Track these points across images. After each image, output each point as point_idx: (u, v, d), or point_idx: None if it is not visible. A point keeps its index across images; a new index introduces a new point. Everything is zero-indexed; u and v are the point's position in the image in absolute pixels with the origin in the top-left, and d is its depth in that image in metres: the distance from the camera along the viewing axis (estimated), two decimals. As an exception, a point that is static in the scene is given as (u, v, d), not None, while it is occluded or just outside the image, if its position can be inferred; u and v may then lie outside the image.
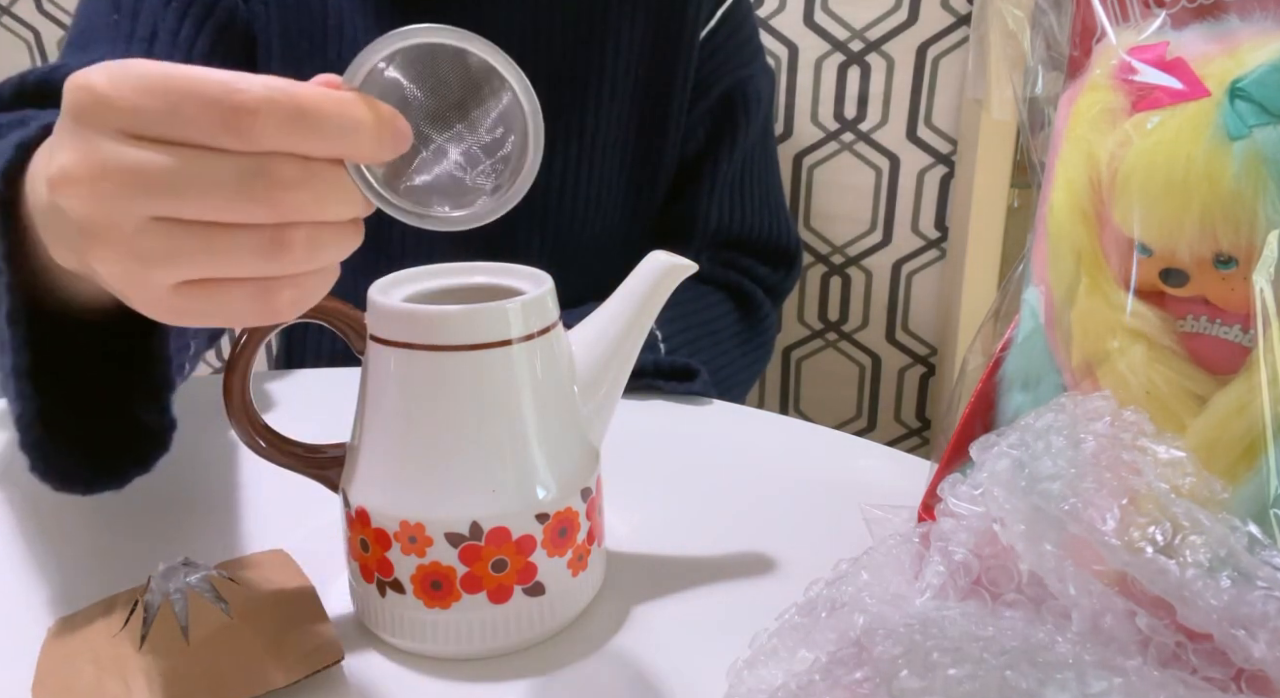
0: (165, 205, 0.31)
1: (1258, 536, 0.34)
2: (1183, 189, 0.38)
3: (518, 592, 0.44)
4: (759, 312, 0.86)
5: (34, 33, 1.25)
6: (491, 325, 0.43)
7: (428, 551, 0.43)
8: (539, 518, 0.44)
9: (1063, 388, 0.43)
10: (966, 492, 0.39)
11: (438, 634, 0.44)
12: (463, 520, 0.43)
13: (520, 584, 0.44)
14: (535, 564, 0.44)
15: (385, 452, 0.44)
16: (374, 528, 0.44)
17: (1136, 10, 0.43)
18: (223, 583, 0.45)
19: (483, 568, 0.43)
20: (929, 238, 1.13)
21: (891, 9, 1.05)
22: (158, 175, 0.31)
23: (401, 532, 0.43)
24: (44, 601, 0.49)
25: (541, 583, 0.45)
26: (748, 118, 0.85)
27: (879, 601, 0.38)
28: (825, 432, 0.67)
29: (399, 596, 0.44)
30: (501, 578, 0.44)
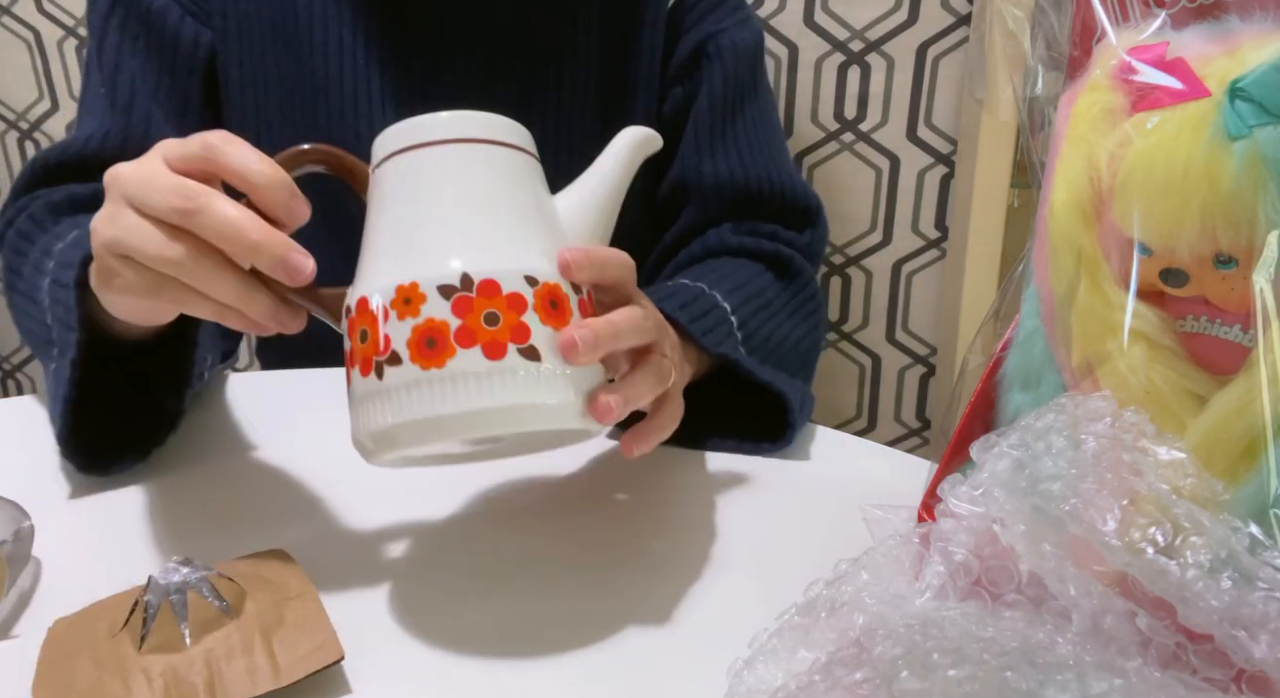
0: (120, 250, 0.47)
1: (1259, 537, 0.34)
2: (1182, 189, 0.38)
3: (512, 350, 0.44)
4: (800, 277, 0.82)
5: (34, 33, 1.25)
6: (481, 126, 0.47)
7: (421, 308, 0.44)
8: (528, 280, 0.45)
9: (1063, 388, 0.43)
10: (967, 492, 0.39)
11: (434, 397, 0.43)
12: (453, 273, 0.44)
13: (514, 342, 0.44)
14: (528, 325, 0.44)
15: (381, 244, 0.47)
16: (370, 311, 0.45)
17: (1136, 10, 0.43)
18: (223, 583, 0.45)
19: (475, 321, 0.44)
20: (929, 238, 1.13)
21: (891, 9, 1.05)
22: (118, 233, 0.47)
23: (397, 297, 0.44)
24: (44, 600, 0.49)
25: (536, 348, 0.44)
26: (722, 67, 0.83)
27: (879, 601, 0.38)
28: (825, 432, 0.67)
29: (396, 368, 0.44)
30: (495, 333, 0.44)
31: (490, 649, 0.46)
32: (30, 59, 1.27)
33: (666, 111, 0.85)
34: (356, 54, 0.79)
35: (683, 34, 0.85)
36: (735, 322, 0.70)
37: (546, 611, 0.48)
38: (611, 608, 0.49)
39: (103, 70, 0.78)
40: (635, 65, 0.84)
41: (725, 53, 0.84)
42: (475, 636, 0.47)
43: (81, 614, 0.46)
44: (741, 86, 0.85)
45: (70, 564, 0.52)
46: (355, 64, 0.80)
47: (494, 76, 0.81)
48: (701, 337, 0.63)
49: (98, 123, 0.77)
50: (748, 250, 0.81)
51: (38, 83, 1.28)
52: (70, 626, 0.45)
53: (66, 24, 1.24)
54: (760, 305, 0.75)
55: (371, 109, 0.80)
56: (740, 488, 0.60)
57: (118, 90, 0.77)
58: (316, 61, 0.79)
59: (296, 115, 0.80)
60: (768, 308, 0.76)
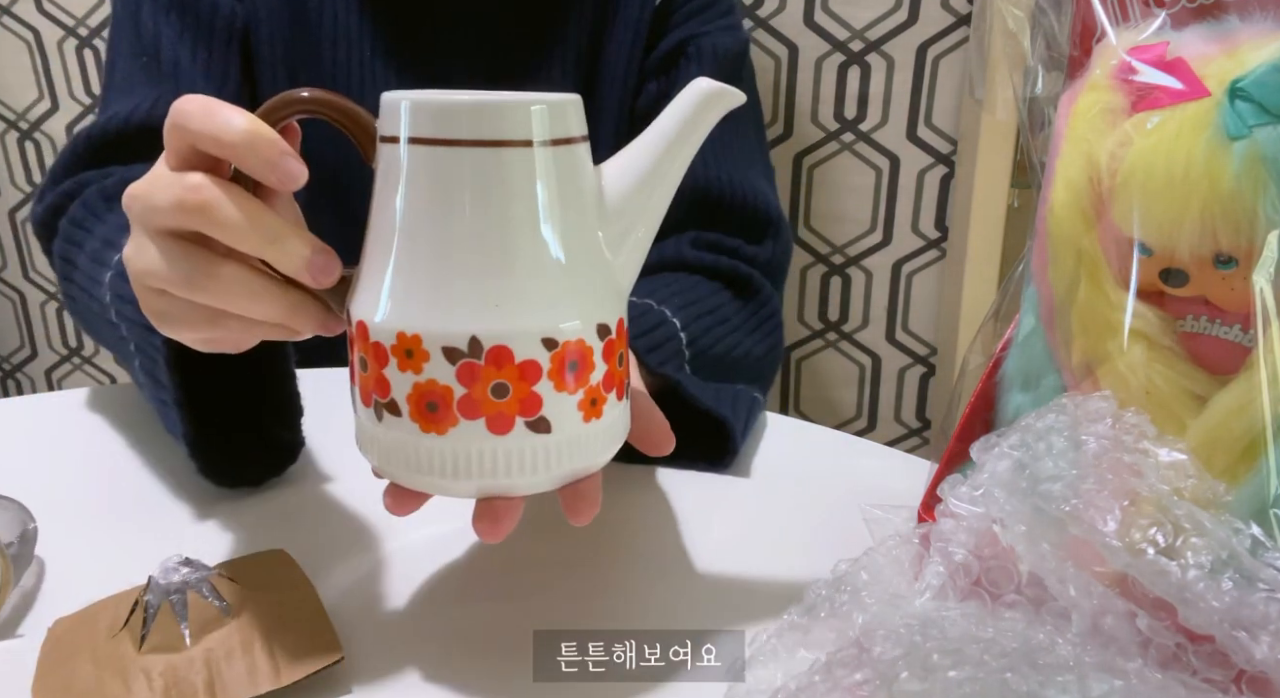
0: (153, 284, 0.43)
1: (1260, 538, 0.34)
2: (1182, 189, 0.38)
3: (520, 424, 0.40)
4: (760, 294, 0.82)
5: (34, 33, 1.25)
6: (509, 121, 0.39)
7: (424, 367, 0.39)
8: (545, 343, 0.40)
9: (1063, 388, 0.43)
10: (967, 492, 0.39)
11: (433, 463, 0.41)
12: (461, 335, 0.39)
13: (523, 416, 0.40)
14: (540, 396, 0.40)
15: (385, 260, 0.41)
16: (371, 342, 0.41)
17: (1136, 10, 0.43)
18: (223, 583, 0.45)
19: (482, 391, 0.39)
20: (929, 238, 1.13)
21: (891, 9, 1.05)
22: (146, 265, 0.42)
23: (398, 345, 0.40)
24: (46, 600, 0.49)
25: (547, 419, 0.40)
26: (698, 70, 0.83)
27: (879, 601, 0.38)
28: (825, 432, 0.67)
29: (395, 418, 0.41)
30: (502, 405, 0.40)
31: (490, 649, 0.46)
32: (30, 59, 1.27)
33: (640, 105, 0.85)
34: (363, 42, 0.81)
35: (668, 31, 0.85)
36: (684, 338, 0.69)
37: (546, 610, 0.48)
38: (611, 608, 0.49)
39: (142, 40, 0.76)
40: (616, 55, 0.84)
41: (705, 55, 0.84)
42: (475, 636, 0.47)
43: (81, 614, 0.46)
44: None
45: (72, 564, 0.52)
46: (362, 52, 0.81)
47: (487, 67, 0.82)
48: (645, 354, 0.62)
49: (142, 94, 0.75)
50: (706, 267, 0.80)
51: (38, 83, 1.28)
52: (70, 625, 0.45)
53: (66, 24, 1.24)
54: (714, 322, 0.75)
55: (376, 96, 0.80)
56: (740, 488, 0.60)
57: (161, 59, 0.75)
58: (325, 47, 0.81)
59: None
60: (723, 324, 0.76)
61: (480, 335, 0.39)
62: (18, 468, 0.61)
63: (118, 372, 1.41)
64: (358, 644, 0.45)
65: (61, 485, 0.59)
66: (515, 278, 0.40)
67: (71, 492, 0.59)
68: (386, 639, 0.46)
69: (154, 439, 0.64)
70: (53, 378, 1.45)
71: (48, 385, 1.45)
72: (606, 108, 0.85)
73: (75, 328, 1.40)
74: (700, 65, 0.83)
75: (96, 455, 0.62)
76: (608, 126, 0.85)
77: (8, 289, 1.41)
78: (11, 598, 0.48)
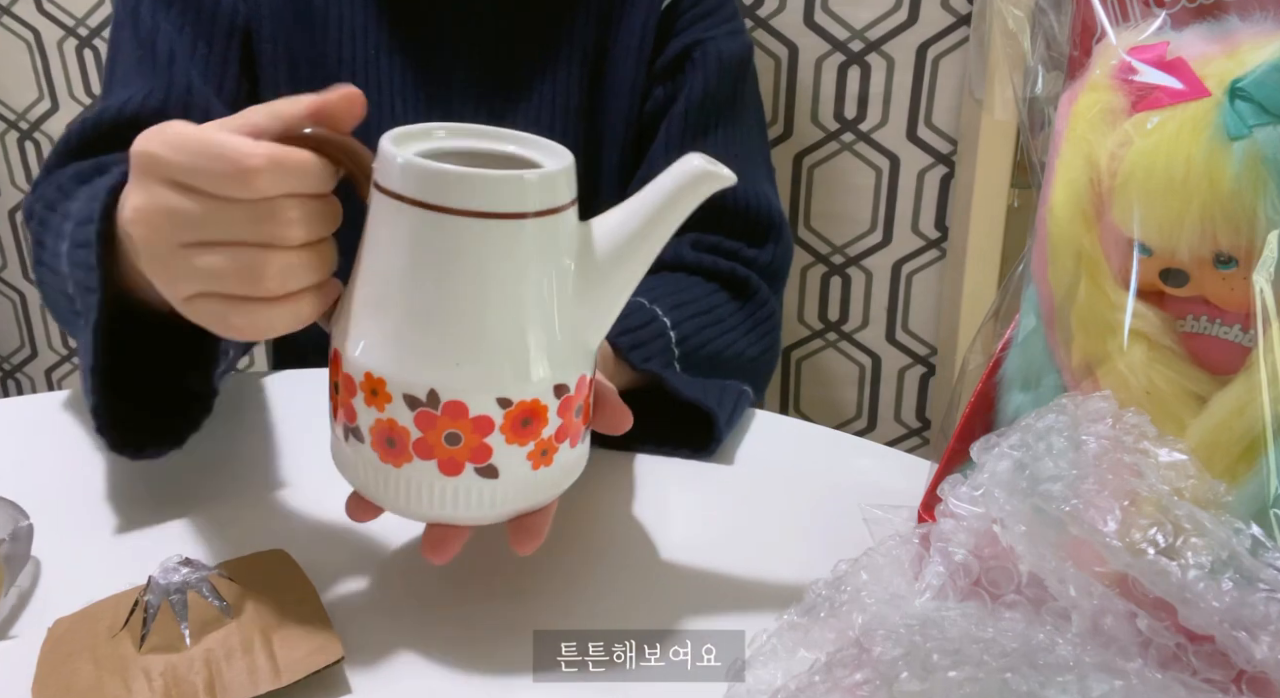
0: (188, 236, 0.42)
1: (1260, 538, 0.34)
2: (1182, 189, 0.38)
3: (469, 469, 0.43)
4: (756, 296, 0.83)
5: (34, 33, 1.25)
6: (500, 194, 0.41)
7: (386, 407, 0.42)
8: (500, 402, 0.42)
9: (1063, 388, 0.43)
10: (967, 493, 0.39)
11: (388, 488, 0.44)
12: (421, 386, 0.42)
13: (473, 462, 0.43)
14: (491, 447, 0.43)
15: (363, 301, 0.43)
16: (344, 373, 0.44)
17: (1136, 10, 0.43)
18: (223, 583, 0.45)
19: (436, 437, 0.42)
20: (929, 238, 1.13)
21: (891, 9, 1.05)
22: (183, 215, 0.42)
23: (365, 383, 0.43)
24: (44, 600, 0.49)
25: (495, 467, 0.43)
26: (704, 74, 0.84)
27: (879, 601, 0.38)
28: (825, 432, 0.67)
29: (359, 443, 0.44)
30: (454, 451, 0.43)
31: (490, 649, 0.46)
32: (30, 59, 1.27)
33: (647, 110, 0.86)
34: (369, 40, 0.81)
35: (673, 35, 0.85)
36: (674, 337, 0.70)
37: (546, 610, 0.48)
38: (611, 608, 0.49)
39: (139, 35, 0.76)
40: (623, 61, 0.84)
41: (709, 60, 0.84)
42: (475, 636, 0.47)
43: (81, 614, 0.46)
44: (721, 96, 0.86)
45: (70, 564, 0.52)
46: (368, 50, 0.81)
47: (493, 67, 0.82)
48: (628, 352, 0.63)
49: (136, 86, 0.75)
50: (705, 268, 0.81)
51: (38, 83, 1.28)
52: (70, 626, 0.45)
53: (66, 24, 1.24)
54: (708, 322, 0.75)
55: (380, 97, 0.80)
56: (741, 488, 0.60)
57: (157, 52, 0.75)
58: (331, 46, 0.80)
59: None
60: (717, 324, 0.77)
61: (439, 389, 0.42)
62: (18, 468, 0.61)
63: (118, 372, 1.41)
64: (358, 644, 0.45)
65: (62, 485, 0.59)
66: (480, 340, 0.42)
67: (71, 492, 0.59)
68: (386, 639, 0.46)
69: (154, 439, 0.64)
70: (53, 378, 1.45)
71: (48, 385, 1.45)
72: (614, 109, 0.85)
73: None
74: (706, 70, 0.84)
75: (96, 456, 0.62)
76: (616, 131, 0.86)
77: (8, 289, 1.41)
78: (9, 598, 0.48)
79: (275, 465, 0.61)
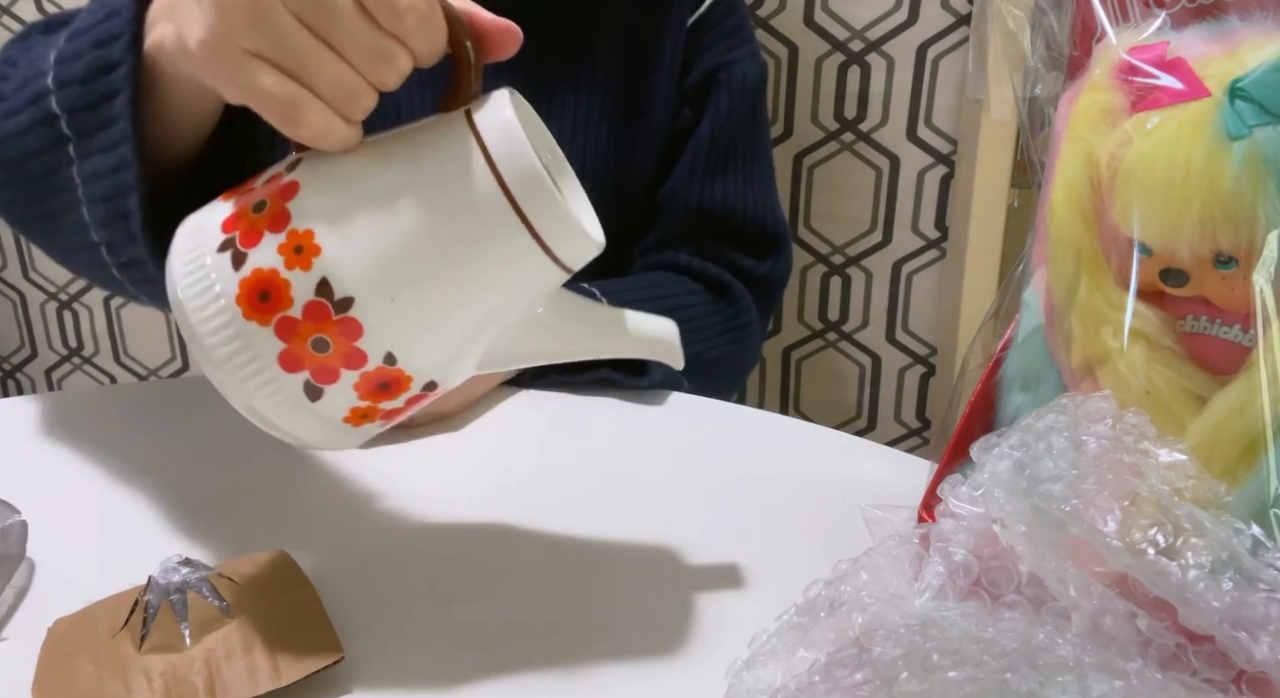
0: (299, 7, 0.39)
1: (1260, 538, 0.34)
2: (1182, 189, 0.38)
3: (302, 377, 0.41)
4: (738, 303, 0.85)
5: (34, 32, 1.25)
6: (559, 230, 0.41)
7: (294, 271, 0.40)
8: (386, 357, 0.41)
9: (1063, 388, 0.43)
10: (967, 493, 0.39)
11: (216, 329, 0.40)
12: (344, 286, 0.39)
13: (313, 377, 0.41)
14: (338, 377, 0.41)
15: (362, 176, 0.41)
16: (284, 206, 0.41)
17: (1136, 10, 0.43)
18: (223, 583, 0.45)
19: (308, 331, 0.40)
20: (929, 238, 1.13)
21: (891, 9, 1.05)
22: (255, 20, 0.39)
23: (295, 235, 0.40)
24: (44, 600, 0.49)
25: (325, 396, 0.41)
26: (729, 98, 0.86)
27: (879, 601, 0.38)
28: (825, 432, 0.67)
29: (229, 267, 0.40)
30: (307, 355, 0.40)
31: (490, 649, 0.46)
32: (30, 59, 1.27)
33: (675, 128, 0.87)
34: None
35: (699, 54, 0.86)
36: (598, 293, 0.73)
37: (546, 610, 0.48)
38: (611, 607, 0.49)
39: None
40: (655, 78, 0.85)
41: (735, 83, 0.86)
42: (475, 635, 0.47)
43: (81, 614, 0.46)
44: (742, 120, 0.88)
45: (69, 564, 0.52)
46: None
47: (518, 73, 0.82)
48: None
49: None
50: (693, 270, 0.84)
51: (38, 83, 1.28)
52: (70, 625, 0.45)
53: (66, 24, 1.24)
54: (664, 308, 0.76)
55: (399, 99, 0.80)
56: (740, 487, 0.60)
57: None
58: None
59: None
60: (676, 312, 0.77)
61: (357, 300, 0.39)
62: (18, 468, 0.61)
63: (118, 372, 1.41)
64: (358, 644, 0.45)
65: (61, 485, 0.59)
66: (423, 305, 0.41)
67: (71, 492, 0.59)
68: (386, 639, 0.46)
69: (154, 439, 0.64)
70: (53, 378, 1.45)
71: (48, 385, 1.45)
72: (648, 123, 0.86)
73: (75, 328, 1.40)
74: (730, 93, 0.86)
75: (96, 456, 0.62)
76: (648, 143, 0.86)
77: (8, 289, 1.41)
78: (7, 597, 0.48)
79: (275, 465, 0.61)
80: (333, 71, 0.40)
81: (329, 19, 0.40)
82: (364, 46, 0.40)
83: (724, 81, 0.86)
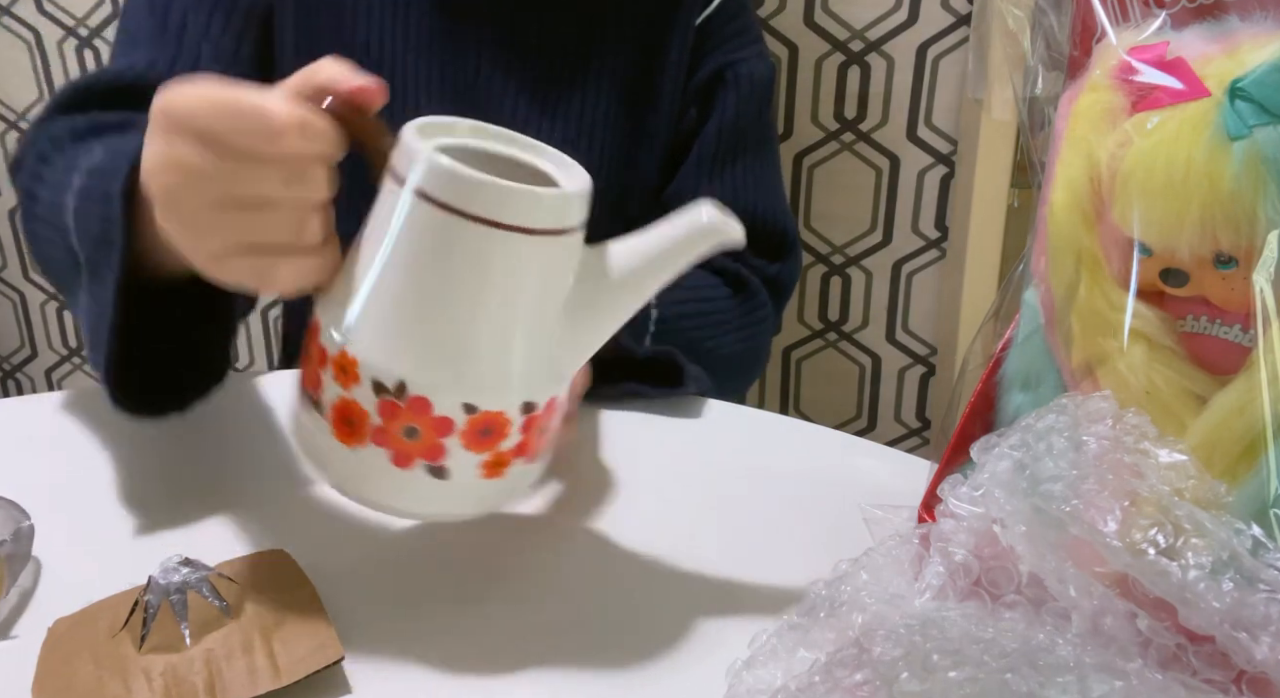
0: (217, 191, 0.41)
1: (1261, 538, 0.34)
2: (1182, 189, 0.38)
3: (420, 465, 0.43)
4: (755, 298, 0.84)
5: (34, 33, 1.25)
6: (517, 207, 0.41)
7: (352, 387, 0.42)
8: (465, 407, 0.42)
9: (1063, 388, 0.43)
10: (967, 493, 0.39)
11: (336, 465, 0.44)
12: (391, 375, 0.42)
13: (424, 459, 0.43)
14: (446, 448, 0.43)
15: (352, 278, 0.43)
16: (319, 343, 0.44)
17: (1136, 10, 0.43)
18: (223, 583, 0.45)
19: (395, 428, 0.42)
20: (929, 238, 1.13)
21: (891, 9, 1.05)
22: (213, 172, 0.41)
23: (337, 359, 0.42)
24: (45, 600, 0.49)
25: (447, 468, 0.43)
26: (736, 97, 0.86)
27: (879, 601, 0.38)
28: (825, 432, 0.67)
29: (316, 414, 0.44)
30: (409, 445, 0.43)
31: (490, 649, 0.46)
32: (30, 59, 1.27)
33: (681, 128, 0.87)
34: (397, 39, 0.80)
35: (706, 54, 0.86)
36: (654, 315, 0.73)
37: (546, 610, 0.48)
38: (612, 607, 0.49)
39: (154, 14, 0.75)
40: (662, 78, 0.85)
41: (742, 82, 0.86)
42: (475, 635, 0.47)
43: (82, 614, 0.46)
44: (749, 119, 0.87)
45: (71, 564, 0.52)
46: (395, 47, 0.80)
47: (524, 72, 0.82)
48: None
49: (141, 54, 0.74)
50: (712, 265, 0.83)
51: (38, 83, 1.28)
52: (70, 626, 0.45)
53: (66, 24, 1.24)
54: (694, 312, 0.77)
55: (405, 94, 0.80)
56: (740, 487, 0.60)
57: (169, 22, 0.74)
58: (359, 41, 0.80)
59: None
60: (703, 315, 0.79)
61: (408, 382, 0.42)
62: (18, 468, 0.61)
63: (118, 372, 1.41)
64: (358, 644, 0.45)
65: (61, 485, 0.59)
66: (461, 343, 0.42)
67: (71, 492, 0.59)
68: (386, 639, 0.46)
69: (154, 439, 0.64)
70: (53, 378, 1.45)
71: (48, 385, 1.45)
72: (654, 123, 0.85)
73: (75, 328, 1.40)
74: (738, 92, 0.86)
75: (96, 455, 0.62)
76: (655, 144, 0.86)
77: (8, 289, 1.41)
78: (10, 598, 0.48)
79: (275, 465, 0.61)
80: (265, 223, 0.42)
81: (230, 187, 0.41)
82: (274, 184, 0.42)
83: (731, 81, 0.86)
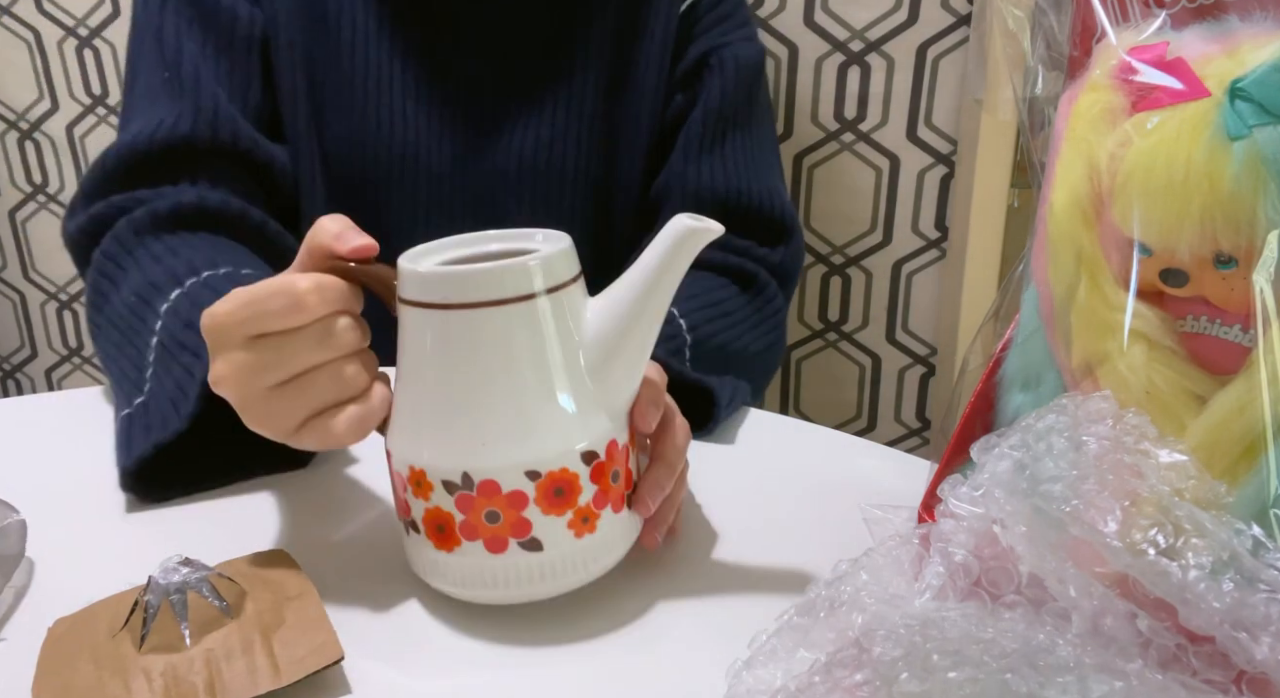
0: (273, 378, 0.45)
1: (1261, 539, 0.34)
2: (1182, 189, 0.38)
3: (513, 545, 0.45)
4: (765, 291, 0.84)
5: (34, 33, 1.25)
6: (506, 283, 0.44)
7: (430, 495, 0.45)
8: (529, 475, 0.45)
9: (1063, 388, 0.43)
10: (967, 493, 0.39)
11: (447, 574, 0.47)
12: (455, 470, 0.45)
13: (515, 537, 0.45)
14: (529, 520, 0.45)
15: (402, 402, 0.47)
16: (394, 470, 0.47)
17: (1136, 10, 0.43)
18: (223, 583, 0.45)
19: (477, 517, 0.45)
20: (929, 238, 1.13)
21: (891, 9, 1.05)
22: (264, 362, 0.45)
23: (410, 476, 0.46)
24: (44, 600, 0.49)
25: (539, 540, 0.46)
26: (721, 80, 0.85)
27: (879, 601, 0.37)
28: (825, 432, 0.67)
29: (416, 534, 0.47)
30: (496, 529, 0.45)
31: (490, 649, 0.46)
32: (30, 59, 1.27)
33: (668, 116, 0.87)
34: (381, 44, 0.81)
35: (692, 41, 0.86)
36: (685, 325, 0.72)
37: (546, 610, 0.48)
38: (612, 607, 0.49)
39: (164, 55, 0.77)
40: (647, 68, 0.85)
41: (727, 65, 0.86)
42: (475, 635, 0.47)
43: (81, 614, 0.46)
44: (737, 101, 0.87)
45: (70, 564, 0.52)
46: (379, 54, 0.81)
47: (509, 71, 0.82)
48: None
49: (165, 109, 0.76)
50: (715, 264, 0.83)
51: (38, 83, 1.28)
52: (70, 626, 0.45)
53: (66, 24, 1.24)
54: (717, 314, 0.77)
55: (393, 99, 0.81)
56: (740, 488, 0.60)
57: (183, 74, 0.76)
58: (344, 50, 0.81)
59: (325, 104, 0.81)
60: (725, 317, 0.78)
61: (471, 471, 0.45)
62: (18, 468, 0.61)
63: (118, 372, 1.41)
64: (358, 644, 0.45)
65: (62, 485, 0.59)
66: (503, 418, 0.45)
67: (72, 492, 0.59)
68: (386, 639, 0.46)
69: (154, 439, 0.64)
70: (53, 378, 1.45)
71: (48, 385, 1.45)
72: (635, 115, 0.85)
73: (75, 328, 1.40)
74: (723, 75, 0.85)
75: (97, 455, 0.62)
76: (637, 136, 0.86)
77: (8, 289, 1.41)
78: (6, 596, 0.48)
79: (275, 466, 0.61)
80: (314, 386, 0.46)
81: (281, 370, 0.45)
82: (311, 349, 0.45)
83: (716, 65, 0.85)
